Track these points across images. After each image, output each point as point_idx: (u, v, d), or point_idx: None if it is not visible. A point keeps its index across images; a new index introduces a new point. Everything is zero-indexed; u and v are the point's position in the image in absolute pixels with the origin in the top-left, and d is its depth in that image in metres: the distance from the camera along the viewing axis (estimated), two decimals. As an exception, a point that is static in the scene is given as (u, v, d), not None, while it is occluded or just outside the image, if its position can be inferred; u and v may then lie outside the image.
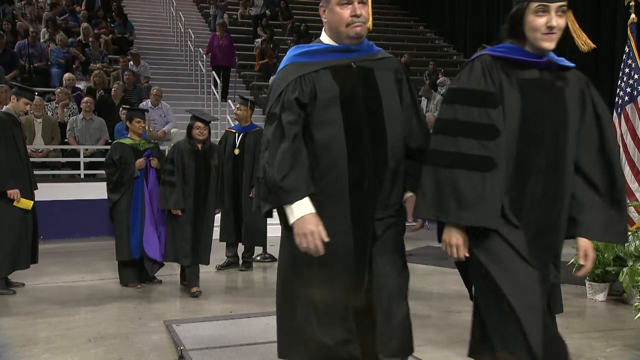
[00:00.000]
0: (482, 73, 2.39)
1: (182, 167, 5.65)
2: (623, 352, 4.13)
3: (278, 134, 2.46)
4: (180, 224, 5.62)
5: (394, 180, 2.57)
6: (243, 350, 3.98)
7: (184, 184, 5.63)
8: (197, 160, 5.70)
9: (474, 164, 2.32)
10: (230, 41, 13.34)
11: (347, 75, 2.53)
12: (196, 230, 5.67)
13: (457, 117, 2.37)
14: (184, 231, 5.61)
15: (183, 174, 5.64)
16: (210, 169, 5.78)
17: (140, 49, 14.01)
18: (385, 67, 2.62)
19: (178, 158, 5.65)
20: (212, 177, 5.80)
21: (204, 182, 5.73)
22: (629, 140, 5.81)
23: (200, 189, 5.70)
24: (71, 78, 10.94)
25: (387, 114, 2.54)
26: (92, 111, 9.91)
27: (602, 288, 5.47)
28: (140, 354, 4.06)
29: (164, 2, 17.87)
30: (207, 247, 5.79)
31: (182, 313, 5.08)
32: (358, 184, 2.49)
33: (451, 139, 2.36)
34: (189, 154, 5.68)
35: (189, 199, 5.63)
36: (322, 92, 2.48)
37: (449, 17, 18.98)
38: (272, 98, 2.55)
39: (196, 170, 5.68)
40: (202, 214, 5.73)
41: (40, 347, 4.19)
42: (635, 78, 5.84)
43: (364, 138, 2.49)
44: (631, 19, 5.94)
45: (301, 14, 18.03)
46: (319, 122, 2.48)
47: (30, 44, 12.00)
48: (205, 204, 5.75)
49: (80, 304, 5.43)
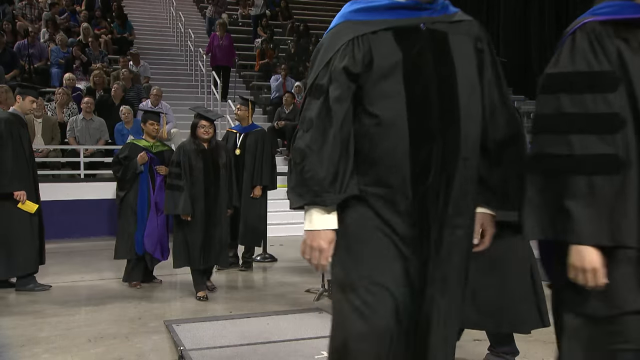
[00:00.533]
0: (591, 47, 1.85)
1: (190, 168, 5.41)
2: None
3: (324, 114, 1.99)
4: (192, 229, 5.39)
5: (468, 177, 2.05)
6: (243, 350, 3.98)
7: (192, 187, 5.39)
8: (205, 160, 5.46)
9: (595, 165, 1.80)
10: (230, 41, 13.33)
11: (414, 39, 2.02)
12: (208, 233, 5.44)
13: (564, 109, 1.85)
14: (195, 236, 5.39)
15: (190, 175, 5.40)
16: (219, 168, 5.54)
17: (140, 49, 14.01)
18: (463, 32, 2.09)
19: (184, 160, 5.42)
20: (222, 177, 5.54)
21: (213, 182, 5.48)
22: (629, 140, 5.79)
23: (210, 190, 5.46)
24: (71, 78, 10.94)
25: (461, 89, 2.02)
26: (92, 111, 9.91)
27: (602, 288, 5.45)
28: (140, 354, 4.06)
29: (164, 2, 17.87)
30: (222, 249, 5.58)
31: (182, 313, 5.08)
32: (422, 175, 1.98)
33: (560, 137, 1.85)
34: (196, 154, 5.43)
35: (199, 201, 5.39)
36: (380, 58, 1.98)
37: (449, 17, 18.98)
38: (317, 66, 2.06)
39: (204, 170, 5.44)
40: (214, 216, 5.48)
41: (40, 347, 4.19)
42: (635, 78, 5.83)
43: (432, 118, 1.98)
44: (631, 19, 5.93)
45: (301, 14, 18.05)
46: (375, 95, 1.99)
47: (30, 44, 12.00)
48: (216, 205, 5.50)
49: (80, 304, 5.43)
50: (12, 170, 5.62)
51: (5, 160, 5.58)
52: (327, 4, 19.79)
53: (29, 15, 13.98)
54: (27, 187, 5.71)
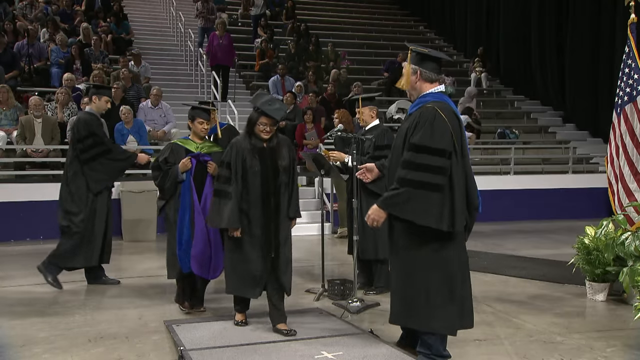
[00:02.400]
0: None
1: (243, 171, 4.40)
2: (623, 352, 4.14)
3: None
4: (244, 247, 4.38)
5: None
6: (243, 350, 3.98)
7: (246, 194, 4.40)
8: (263, 161, 4.42)
9: None
10: (230, 40, 13.34)
11: None
12: (268, 251, 4.39)
13: None
14: (248, 257, 4.37)
15: (245, 181, 4.41)
16: (279, 172, 4.44)
17: (140, 49, 14.01)
18: None
19: (237, 161, 4.42)
20: (283, 183, 4.47)
21: (273, 189, 4.43)
22: (628, 140, 5.81)
23: (269, 198, 4.42)
24: (71, 78, 10.93)
25: None
26: (92, 111, 9.90)
27: (602, 288, 5.47)
28: (140, 354, 4.06)
29: (164, 2, 17.89)
30: (286, 271, 4.46)
31: (182, 313, 5.07)
32: None
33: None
34: (251, 154, 4.43)
35: (256, 209, 4.38)
36: None
37: (449, 17, 19.00)
38: None
39: (262, 175, 4.40)
40: (274, 229, 4.41)
41: (40, 347, 4.19)
42: (635, 78, 5.84)
43: None
44: (631, 19, 5.94)
45: (303, 14, 18.06)
46: None
47: (30, 44, 12.00)
48: (277, 216, 4.43)
49: (80, 304, 5.43)
50: None
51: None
52: (327, 4, 19.83)
53: (29, 15, 13.98)
54: None
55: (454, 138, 3.53)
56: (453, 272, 3.59)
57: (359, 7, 19.97)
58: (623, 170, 5.83)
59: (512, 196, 11.54)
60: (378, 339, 4.20)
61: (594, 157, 13.01)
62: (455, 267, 3.61)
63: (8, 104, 9.86)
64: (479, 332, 4.46)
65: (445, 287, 3.56)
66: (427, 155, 3.49)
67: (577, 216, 10.75)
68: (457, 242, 3.61)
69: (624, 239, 5.09)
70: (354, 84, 12.80)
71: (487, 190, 11.11)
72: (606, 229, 5.39)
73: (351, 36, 17.58)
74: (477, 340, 4.32)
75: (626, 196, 5.76)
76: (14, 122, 9.75)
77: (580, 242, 5.51)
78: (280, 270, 4.39)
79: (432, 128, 3.51)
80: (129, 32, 14.86)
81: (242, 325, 4.57)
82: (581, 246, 5.49)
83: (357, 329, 4.48)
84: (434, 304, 3.54)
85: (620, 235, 5.16)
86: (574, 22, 14.65)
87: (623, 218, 5.51)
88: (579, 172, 12.52)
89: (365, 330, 4.43)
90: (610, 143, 6.11)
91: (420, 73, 3.68)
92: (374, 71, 15.88)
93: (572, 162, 12.63)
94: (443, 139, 3.50)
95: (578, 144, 13.68)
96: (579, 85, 14.59)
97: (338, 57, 15.45)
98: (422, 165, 3.49)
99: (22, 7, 14.16)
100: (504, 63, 16.68)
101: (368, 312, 5.05)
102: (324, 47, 15.58)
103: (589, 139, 14.36)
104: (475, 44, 17.25)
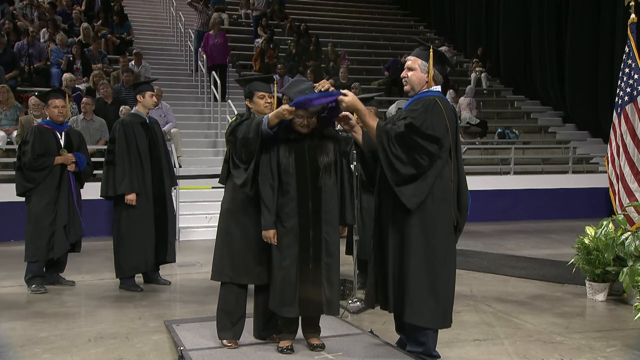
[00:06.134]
0: None
1: (277, 168, 3.81)
2: (623, 352, 4.14)
3: None
4: (282, 262, 3.79)
5: None
6: (243, 350, 3.98)
7: (281, 196, 3.81)
8: (299, 157, 3.81)
9: None
10: (225, 39, 13.33)
11: None
12: (306, 263, 3.78)
13: None
14: (287, 272, 3.78)
15: (279, 180, 3.81)
16: (319, 170, 3.81)
17: (140, 49, 14.01)
18: None
19: (273, 157, 3.82)
20: (326, 185, 3.82)
21: (312, 191, 3.79)
22: (629, 140, 5.81)
23: (306, 200, 3.79)
24: (71, 78, 10.93)
25: None
26: (93, 111, 9.91)
27: (602, 288, 5.47)
28: (140, 354, 4.07)
29: (164, 2, 17.89)
30: (333, 292, 3.84)
31: (182, 313, 5.08)
32: None
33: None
34: (287, 149, 3.82)
35: (292, 218, 3.78)
36: None
37: (449, 17, 18.99)
38: None
39: (297, 173, 3.79)
40: (316, 238, 3.79)
41: (40, 347, 4.20)
42: (635, 78, 5.84)
43: None
44: (631, 19, 5.94)
45: (298, 13, 18.06)
46: None
47: (30, 44, 11.99)
48: (318, 222, 3.80)
49: (80, 304, 5.44)
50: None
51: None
52: (327, 4, 19.83)
53: (29, 15, 13.98)
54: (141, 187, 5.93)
55: (449, 131, 3.58)
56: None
57: (358, 7, 19.97)
58: (624, 170, 5.83)
59: (512, 196, 11.54)
60: (378, 339, 4.20)
61: (594, 157, 13.01)
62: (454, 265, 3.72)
63: (8, 104, 9.86)
64: (479, 332, 4.46)
65: (451, 283, 3.67)
66: (418, 138, 3.52)
67: (577, 216, 10.76)
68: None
69: (624, 239, 5.10)
70: (352, 85, 12.80)
71: (488, 190, 11.13)
72: (606, 229, 5.39)
73: (351, 36, 17.57)
74: (477, 340, 4.32)
75: (626, 196, 5.77)
76: (14, 122, 9.75)
77: (580, 242, 5.51)
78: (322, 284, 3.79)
79: (430, 114, 3.55)
80: (130, 33, 14.85)
81: (288, 352, 3.88)
82: (581, 246, 5.49)
83: (357, 329, 4.48)
84: (444, 299, 3.61)
85: (620, 235, 5.16)
86: (573, 23, 14.64)
87: (623, 218, 5.51)
88: (579, 172, 12.52)
89: (365, 330, 4.42)
90: (611, 143, 6.11)
91: (434, 74, 3.72)
92: (374, 71, 15.88)
93: (572, 162, 12.63)
94: (439, 127, 3.54)
95: (578, 144, 13.67)
96: (579, 85, 14.57)
97: (338, 57, 15.45)
98: (412, 144, 3.52)
99: (22, 7, 14.15)
100: (504, 63, 16.66)
101: (368, 312, 5.04)
102: (324, 47, 15.58)
103: (589, 139, 14.35)
104: (475, 44, 17.24)
